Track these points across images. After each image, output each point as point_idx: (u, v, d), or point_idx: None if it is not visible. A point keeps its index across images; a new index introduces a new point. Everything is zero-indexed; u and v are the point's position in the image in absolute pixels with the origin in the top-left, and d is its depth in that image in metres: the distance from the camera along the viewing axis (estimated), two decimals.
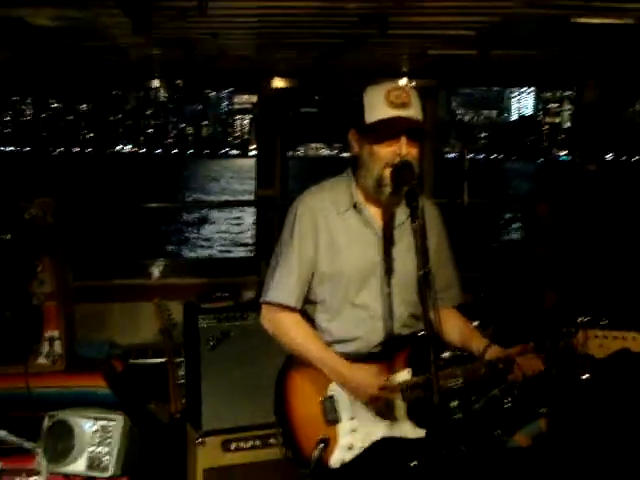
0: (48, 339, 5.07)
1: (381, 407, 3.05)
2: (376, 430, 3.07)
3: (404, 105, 2.94)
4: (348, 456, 3.04)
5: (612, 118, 7.51)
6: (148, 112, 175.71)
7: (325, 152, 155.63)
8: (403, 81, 6.73)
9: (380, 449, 3.07)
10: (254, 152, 7.49)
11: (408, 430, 3.07)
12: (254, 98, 7.55)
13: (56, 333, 5.08)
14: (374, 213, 3.12)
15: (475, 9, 3.97)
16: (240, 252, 27.37)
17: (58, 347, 5.08)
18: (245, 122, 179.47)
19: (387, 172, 2.96)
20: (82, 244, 6.53)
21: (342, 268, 3.08)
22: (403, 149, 2.93)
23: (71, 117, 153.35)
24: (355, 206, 3.11)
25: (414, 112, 2.96)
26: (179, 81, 7.43)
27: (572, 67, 6.36)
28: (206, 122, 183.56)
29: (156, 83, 7.42)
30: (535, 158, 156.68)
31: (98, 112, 7.41)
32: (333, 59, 5.80)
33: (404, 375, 3.07)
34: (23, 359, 4.96)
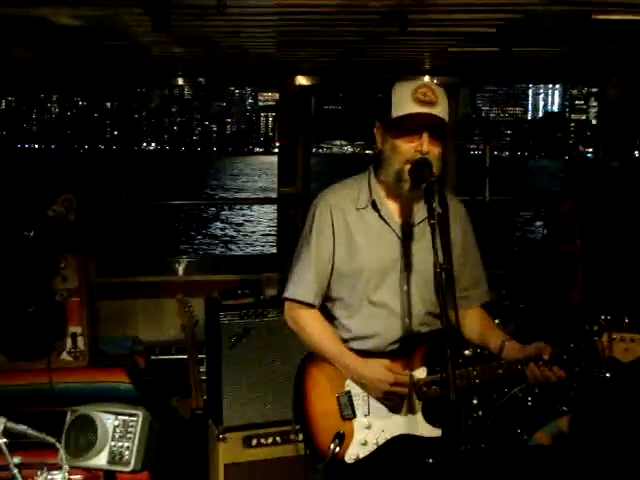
0: (71, 335, 5.11)
1: (396, 402, 3.07)
2: (391, 427, 3.09)
3: (431, 103, 2.97)
4: (363, 452, 3.07)
5: (636, 115, 7.46)
6: (173, 110, 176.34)
7: (348, 149, 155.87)
8: (427, 79, 6.74)
9: (395, 447, 3.09)
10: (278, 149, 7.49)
11: (424, 428, 3.09)
12: (277, 95, 7.55)
13: (79, 329, 5.13)
14: (394, 210, 3.15)
15: (496, 6, 3.96)
16: (238, 252, 27.33)
17: (81, 343, 5.12)
18: (270, 119, 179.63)
19: (407, 168, 2.98)
20: (106, 241, 6.58)
21: (360, 265, 3.11)
22: (424, 146, 2.96)
23: (96, 115, 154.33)
24: (373, 203, 3.13)
25: (439, 111, 2.99)
26: (202, 79, 7.47)
27: (595, 64, 6.32)
28: (230, 119, 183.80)
29: (180, 81, 7.47)
30: (561, 155, 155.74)
31: (122, 110, 7.45)
32: (355, 57, 5.81)
33: (420, 373, 3.10)
34: (46, 355, 5.01)
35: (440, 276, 2.68)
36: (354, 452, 3.08)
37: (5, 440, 2.41)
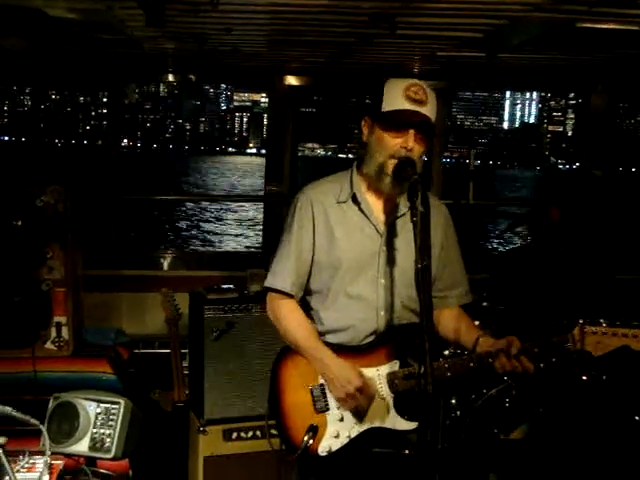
0: (56, 325, 5.15)
1: (352, 408, 3.11)
2: (363, 420, 3.14)
3: (420, 102, 3.05)
4: (335, 445, 3.13)
5: (616, 125, 7.53)
6: (146, 107, 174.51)
7: (320, 152, 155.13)
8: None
9: (367, 439, 3.15)
10: (252, 150, 7.53)
11: (396, 421, 3.14)
12: (254, 96, 7.62)
13: (64, 319, 5.16)
14: (374, 204, 3.22)
15: (482, 11, 4.01)
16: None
17: (65, 333, 5.16)
18: (244, 120, 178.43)
19: (390, 163, 3.05)
20: (92, 233, 6.60)
21: (339, 258, 3.18)
22: (410, 142, 3.03)
23: (69, 109, 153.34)
24: (354, 197, 3.20)
25: (428, 111, 3.07)
26: (192, 76, 7.49)
27: (580, 72, 6.39)
28: (203, 118, 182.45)
29: (170, 77, 7.49)
30: (533, 166, 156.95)
31: (112, 104, 7.47)
32: (345, 58, 5.86)
33: (392, 366, 3.16)
34: (30, 344, 5.04)
35: (421, 272, 2.73)
36: (327, 445, 3.12)
37: None
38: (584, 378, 4.75)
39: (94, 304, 6.19)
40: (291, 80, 7.18)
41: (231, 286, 5.27)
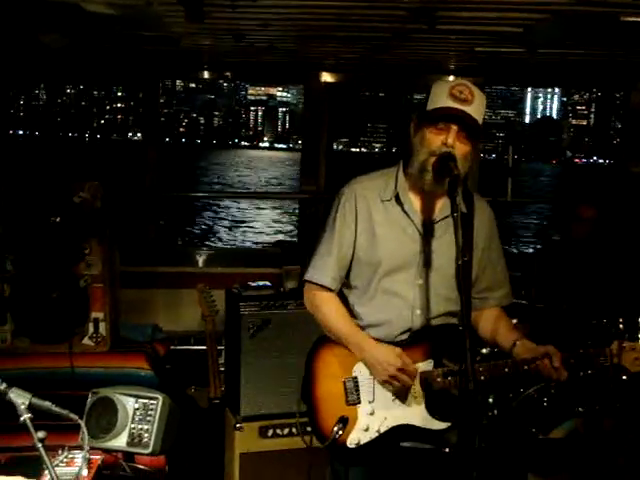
0: (93, 320, 5.16)
1: (400, 391, 3.12)
2: (393, 416, 3.15)
3: (465, 101, 3.01)
4: (364, 438, 3.14)
5: None
6: (161, 100, 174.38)
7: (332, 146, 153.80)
8: (451, 78, 6.78)
9: (396, 435, 3.14)
10: (265, 144, 7.53)
11: (426, 420, 3.13)
12: (270, 90, 7.62)
13: (101, 315, 5.18)
14: (417, 204, 3.19)
15: (524, 5, 3.97)
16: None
17: (103, 328, 5.18)
18: (259, 114, 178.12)
19: (431, 160, 3.02)
20: (129, 230, 6.63)
21: (379, 256, 3.17)
22: (450, 138, 3.00)
23: (84, 103, 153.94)
24: (397, 196, 3.17)
25: (472, 110, 3.02)
26: (228, 73, 7.51)
27: (621, 67, 6.29)
28: (217, 112, 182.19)
29: (206, 74, 7.51)
30: (551, 159, 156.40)
31: (149, 101, 7.51)
32: (381, 54, 5.83)
33: (426, 365, 3.14)
34: (68, 339, 5.07)
35: (462, 268, 2.71)
36: (356, 437, 3.13)
37: (30, 415, 2.45)
38: (624, 378, 4.69)
39: (131, 300, 6.21)
40: (326, 77, 7.16)
41: (267, 283, 5.26)
